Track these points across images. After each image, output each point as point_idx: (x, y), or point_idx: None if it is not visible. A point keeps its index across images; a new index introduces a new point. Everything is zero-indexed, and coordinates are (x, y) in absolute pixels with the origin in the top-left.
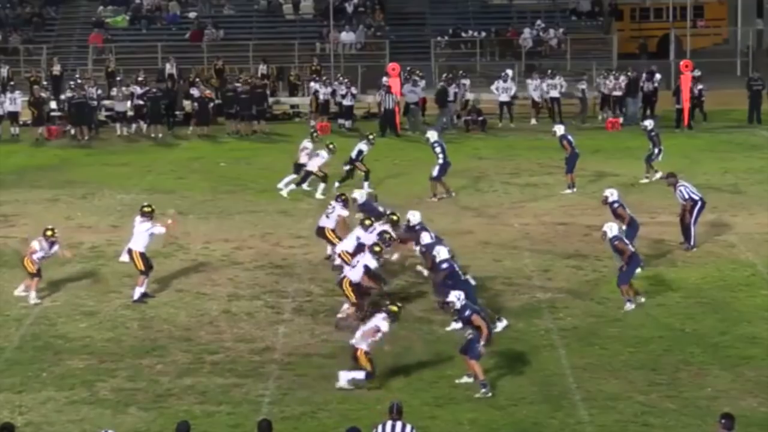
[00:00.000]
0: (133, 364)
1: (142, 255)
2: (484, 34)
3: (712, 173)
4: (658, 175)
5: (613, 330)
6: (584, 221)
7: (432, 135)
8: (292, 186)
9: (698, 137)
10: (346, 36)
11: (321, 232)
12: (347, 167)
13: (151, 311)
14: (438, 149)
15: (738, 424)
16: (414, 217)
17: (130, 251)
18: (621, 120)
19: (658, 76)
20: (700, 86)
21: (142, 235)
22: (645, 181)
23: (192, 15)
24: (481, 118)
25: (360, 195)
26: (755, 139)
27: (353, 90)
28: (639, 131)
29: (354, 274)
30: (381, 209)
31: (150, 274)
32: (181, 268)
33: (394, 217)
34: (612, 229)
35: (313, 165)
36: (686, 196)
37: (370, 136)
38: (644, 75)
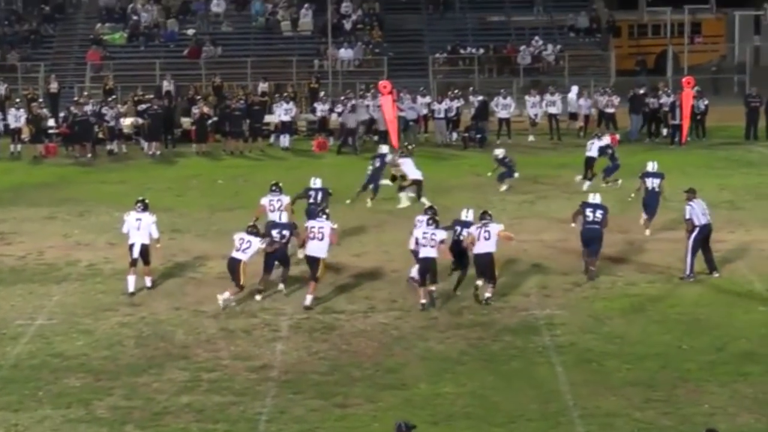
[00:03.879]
0: (129, 382)
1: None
2: (482, 51)
3: (709, 190)
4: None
5: (610, 347)
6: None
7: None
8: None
9: (695, 154)
10: (345, 53)
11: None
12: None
13: (147, 329)
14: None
15: None
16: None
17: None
18: (617, 137)
19: (667, 99)
20: (706, 101)
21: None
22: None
23: (190, 32)
24: (479, 136)
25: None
26: (752, 156)
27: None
28: (635, 147)
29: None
30: None
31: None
32: (179, 286)
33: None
34: None
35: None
36: (687, 216)
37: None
38: (649, 92)
